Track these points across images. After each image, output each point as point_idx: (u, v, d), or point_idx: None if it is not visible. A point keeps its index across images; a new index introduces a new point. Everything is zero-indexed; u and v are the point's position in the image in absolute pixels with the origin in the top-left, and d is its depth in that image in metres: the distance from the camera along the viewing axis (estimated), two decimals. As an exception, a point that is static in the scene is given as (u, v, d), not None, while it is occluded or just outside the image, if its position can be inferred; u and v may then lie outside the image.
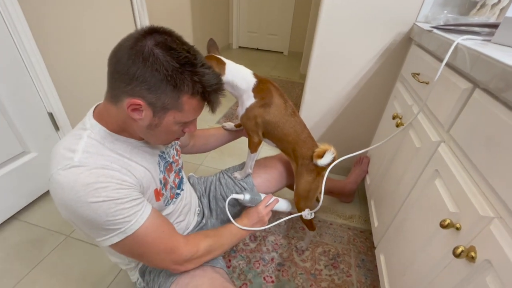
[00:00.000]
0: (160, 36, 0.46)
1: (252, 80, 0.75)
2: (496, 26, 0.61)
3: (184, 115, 0.51)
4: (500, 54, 0.47)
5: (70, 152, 0.47)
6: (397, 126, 0.85)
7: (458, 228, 0.48)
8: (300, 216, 0.87)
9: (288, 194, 0.94)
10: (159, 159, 0.63)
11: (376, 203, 1.04)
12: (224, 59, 0.73)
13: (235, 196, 0.79)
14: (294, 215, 0.87)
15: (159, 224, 0.55)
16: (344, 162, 0.82)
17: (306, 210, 0.86)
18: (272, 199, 0.82)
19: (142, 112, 0.48)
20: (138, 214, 0.50)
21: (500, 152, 0.43)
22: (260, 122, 0.77)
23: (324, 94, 1.25)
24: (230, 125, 0.96)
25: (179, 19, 2.33)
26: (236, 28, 3.77)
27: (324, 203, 1.28)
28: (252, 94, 0.75)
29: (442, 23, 0.87)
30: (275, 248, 1.06)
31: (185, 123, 0.54)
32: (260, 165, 0.95)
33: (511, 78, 0.41)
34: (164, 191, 0.65)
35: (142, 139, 0.57)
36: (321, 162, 0.77)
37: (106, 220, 0.47)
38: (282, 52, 3.83)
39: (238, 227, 0.72)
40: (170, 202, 0.69)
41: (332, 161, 0.79)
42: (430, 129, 0.69)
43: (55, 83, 1.13)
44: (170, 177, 0.68)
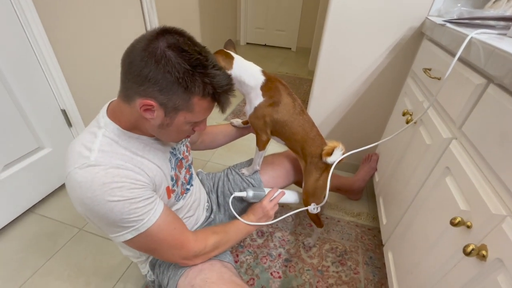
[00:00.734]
0: (172, 37, 0.46)
1: (260, 78, 0.74)
2: (512, 19, 0.59)
3: (194, 116, 0.52)
4: (516, 48, 0.46)
5: (86, 150, 0.49)
6: (407, 123, 0.84)
7: (469, 226, 0.47)
8: (307, 212, 0.87)
9: (296, 189, 0.94)
10: (170, 156, 0.65)
11: (384, 200, 1.03)
12: (233, 54, 0.73)
13: (238, 194, 0.80)
14: (300, 209, 0.87)
15: (170, 221, 0.56)
16: (352, 160, 0.82)
17: (312, 204, 0.86)
18: (278, 193, 0.82)
19: (154, 112, 0.49)
20: (151, 212, 0.52)
21: (514, 149, 0.42)
22: (269, 121, 0.77)
23: (333, 91, 1.24)
24: (238, 121, 0.96)
25: (187, 16, 2.34)
26: (244, 24, 3.75)
27: (332, 200, 1.27)
28: (260, 92, 0.74)
29: (455, 17, 0.84)
30: (282, 244, 1.07)
31: (195, 122, 0.55)
32: (267, 162, 0.96)
33: (527, 73, 0.40)
34: (175, 188, 0.66)
35: (153, 136, 0.58)
36: (330, 159, 0.77)
37: (121, 218, 0.49)
38: (290, 48, 3.80)
39: (244, 222, 0.73)
40: (180, 197, 0.70)
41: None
42: (441, 125, 0.68)
43: (68, 81, 1.16)
44: (181, 173, 0.70)
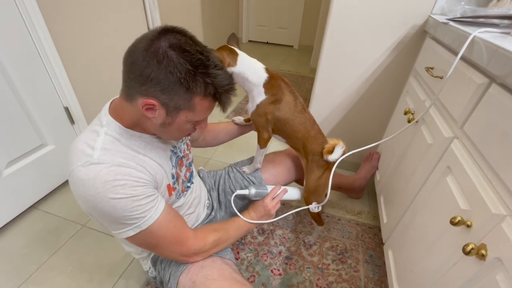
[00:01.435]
0: (174, 36, 0.46)
1: (263, 75, 0.74)
2: (516, 18, 0.59)
3: (196, 115, 0.52)
4: (519, 47, 0.46)
5: (89, 148, 0.50)
6: (408, 121, 0.84)
7: (469, 226, 0.48)
8: (308, 210, 0.88)
9: (297, 187, 0.94)
10: (171, 154, 0.65)
11: (385, 199, 1.03)
12: (237, 50, 0.72)
13: (240, 192, 0.80)
14: (301, 208, 0.88)
15: (171, 219, 0.57)
16: (353, 158, 0.82)
17: (314, 203, 0.86)
18: (280, 190, 0.82)
19: (155, 111, 0.49)
20: (152, 210, 0.53)
21: (515, 149, 0.42)
22: (270, 118, 0.77)
23: (335, 89, 1.24)
24: (240, 119, 0.96)
25: (189, 13, 2.33)
26: (246, 22, 3.74)
27: (333, 199, 1.28)
28: (263, 90, 0.74)
29: (459, 15, 0.84)
30: (283, 242, 1.07)
31: (196, 121, 0.55)
32: (268, 160, 0.96)
33: (530, 73, 0.40)
34: (176, 185, 0.67)
35: (155, 134, 0.59)
36: (331, 157, 0.77)
37: (123, 216, 0.49)
38: (292, 46, 3.78)
39: (245, 220, 0.74)
40: (181, 195, 0.71)
41: (342, 155, 0.78)
42: (443, 125, 0.68)
43: (71, 79, 1.17)
44: (181, 171, 0.70)
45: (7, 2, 0.91)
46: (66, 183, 1.28)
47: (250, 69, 0.73)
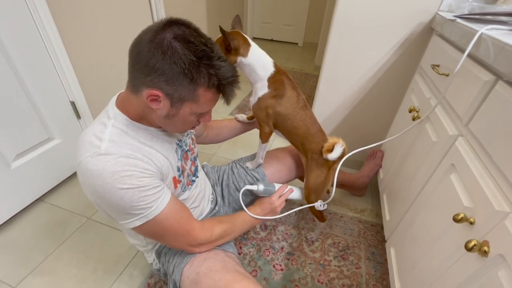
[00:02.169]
0: (178, 28, 0.47)
1: (270, 69, 0.74)
2: (525, 15, 0.58)
3: (199, 107, 0.53)
4: (526, 44, 0.45)
5: (97, 140, 0.51)
6: (413, 119, 0.84)
7: (471, 223, 0.48)
8: (311, 207, 0.88)
9: (299, 184, 0.95)
10: (176, 147, 0.66)
11: (388, 197, 1.03)
12: (250, 41, 0.73)
13: (249, 187, 0.81)
14: (306, 206, 0.88)
15: (177, 210, 0.58)
16: (357, 156, 0.82)
17: (319, 201, 0.86)
18: (287, 189, 0.83)
19: (160, 102, 0.50)
20: (159, 200, 0.54)
21: (520, 146, 0.42)
22: (271, 113, 0.77)
23: (339, 86, 1.23)
24: (243, 117, 0.97)
25: (194, 9, 2.33)
26: (251, 19, 3.73)
27: (336, 196, 1.28)
28: (266, 83, 0.75)
29: (466, 12, 0.83)
30: (285, 237, 1.08)
31: (200, 113, 0.56)
32: (271, 156, 0.96)
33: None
34: (181, 178, 0.68)
35: (160, 127, 0.60)
36: (331, 156, 0.77)
37: (130, 206, 0.50)
38: (297, 43, 3.76)
39: (250, 216, 0.75)
40: (186, 188, 0.72)
41: (342, 153, 0.78)
42: (448, 122, 0.68)
43: (77, 74, 1.18)
44: (187, 164, 0.71)
45: (18, 1, 0.92)
46: (72, 176, 1.30)
47: (260, 62, 0.73)
